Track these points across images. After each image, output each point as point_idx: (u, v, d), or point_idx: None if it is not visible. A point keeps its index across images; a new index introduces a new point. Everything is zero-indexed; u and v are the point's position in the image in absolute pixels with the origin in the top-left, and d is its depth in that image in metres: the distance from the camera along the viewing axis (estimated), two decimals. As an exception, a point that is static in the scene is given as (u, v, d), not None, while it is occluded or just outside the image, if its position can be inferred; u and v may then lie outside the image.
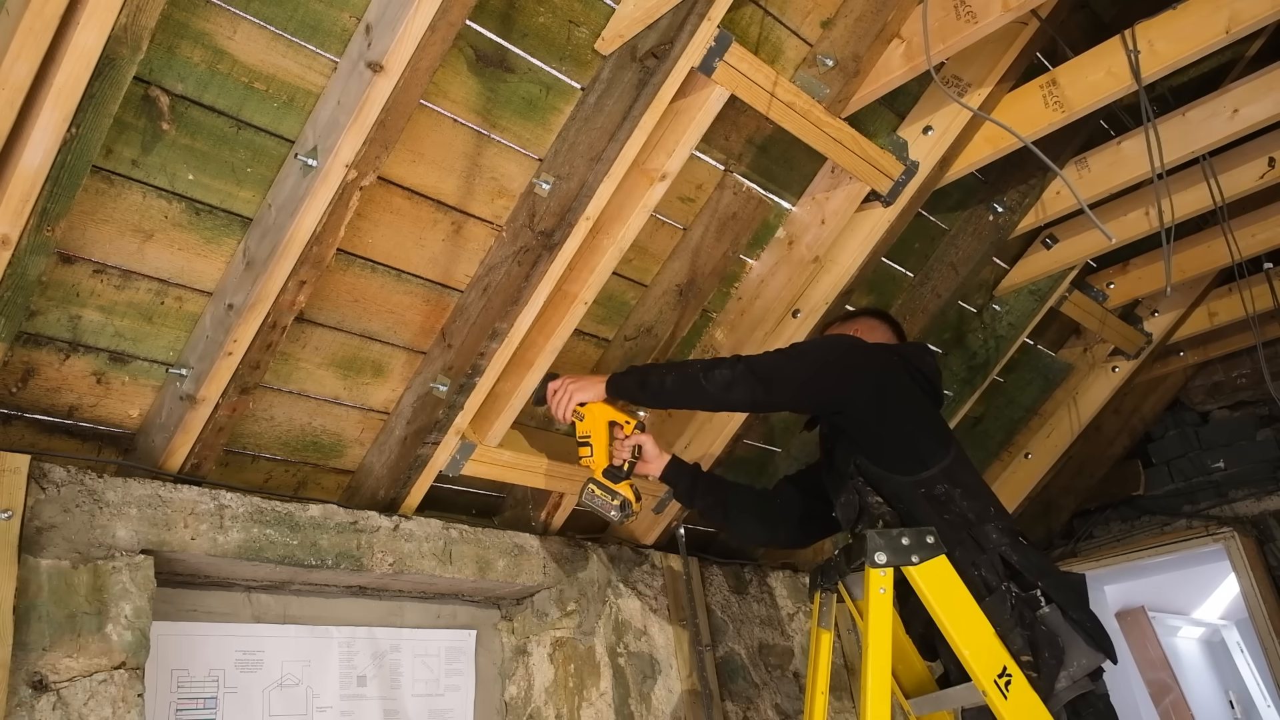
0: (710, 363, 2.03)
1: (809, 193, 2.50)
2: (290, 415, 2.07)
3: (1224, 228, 2.87)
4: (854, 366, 2.01)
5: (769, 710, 2.80)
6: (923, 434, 1.99)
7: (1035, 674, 1.74)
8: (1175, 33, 2.15)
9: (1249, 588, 3.80)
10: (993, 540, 1.86)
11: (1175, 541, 4.00)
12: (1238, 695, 5.27)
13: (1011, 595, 1.80)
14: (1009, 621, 1.78)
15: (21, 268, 1.54)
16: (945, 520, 1.88)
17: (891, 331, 2.32)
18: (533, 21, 1.84)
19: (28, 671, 1.57)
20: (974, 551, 1.85)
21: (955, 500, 1.90)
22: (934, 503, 1.90)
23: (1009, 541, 1.87)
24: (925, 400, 2.07)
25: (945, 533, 1.86)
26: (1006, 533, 1.88)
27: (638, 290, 2.42)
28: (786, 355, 2.03)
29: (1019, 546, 1.87)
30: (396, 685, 2.30)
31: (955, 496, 1.90)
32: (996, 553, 1.84)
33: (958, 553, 1.85)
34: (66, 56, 1.34)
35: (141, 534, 1.79)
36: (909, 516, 1.91)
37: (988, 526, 1.88)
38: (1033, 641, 1.76)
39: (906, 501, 1.93)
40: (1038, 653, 1.75)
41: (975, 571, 1.84)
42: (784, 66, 2.18)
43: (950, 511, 1.89)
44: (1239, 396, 4.03)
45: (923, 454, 1.95)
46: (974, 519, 1.88)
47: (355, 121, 1.62)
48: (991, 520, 1.89)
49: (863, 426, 1.99)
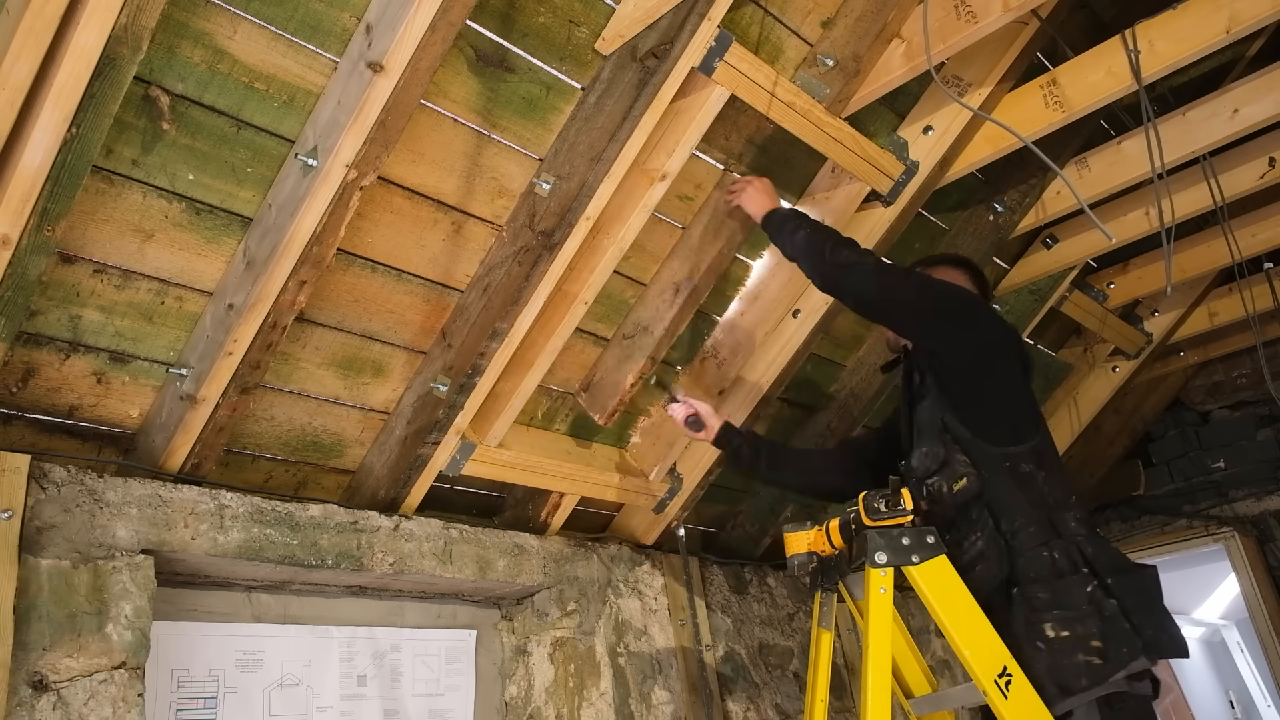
0: (842, 239, 2.02)
1: (809, 192, 2.50)
2: (290, 415, 2.07)
3: (1224, 227, 2.87)
4: (977, 322, 1.99)
5: (769, 710, 2.80)
6: (1022, 408, 1.97)
7: (1101, 661, 1.72)
8: (1175, 33, 2.15)
9: (1249, 588, 3.80)
10: (1070, 529, 1.84)
11: (1175, 541, 4.01)
12: (1238, 695, 5.27)
13: (1090, 583, 1.78)
14: (1087, 609, 1.76)
15: (22, 267, 1.54)
16: (1026, 497, 1.87)
17: (971, 281, 2.23)
18: (533, 21, 1.84)
19: (28, 671, 1.57)
20: (1048, 534, 1.84)
21: (1038, 481, 1.88)
22: (1017, 478, 1.89)
23: (1086, 532, 1.85)
24: (1024, 375, 2.03)
25: (1024, 510, 1.85)
26: (1084, 523, 1.87)
27: (636, 289, 2.42)
28: (912, 281, 2.01)
29: (1095, 539, 1.86)
30: (397, 685, 2.30)
31: (1039, 478, 1.89)
32: (1073, 541, 1.83)
33: (1033, 529, 1.84)
34: (67, 56, 1.35)
35: (142, 534, 1.79)
36: (989, 485, 1.89)
37: (1067, 514, 1.86)
38: (1105, 632, 1.74)
39: (989, 470, 1.91)
40: (1110, 642, 1.73)
41: (1046, 552, 1.82)
42: (784, 66, 2.18)
43: (1032, 490, 1.88)
44: (1239, 396, 4.03)
45: (1018, 428, 1.93)
46: (1054, 503, 1.87)
47: (355, 121, 1.63)
48: (1071, 509, 1.88)
49: (967, 385, 1.96)
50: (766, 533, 3.10)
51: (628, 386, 2.39)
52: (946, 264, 2.25)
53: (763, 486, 3.06)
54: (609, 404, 2.43)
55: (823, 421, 3.01)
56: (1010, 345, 2.03)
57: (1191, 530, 3.96)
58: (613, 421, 2.49)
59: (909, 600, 2.52)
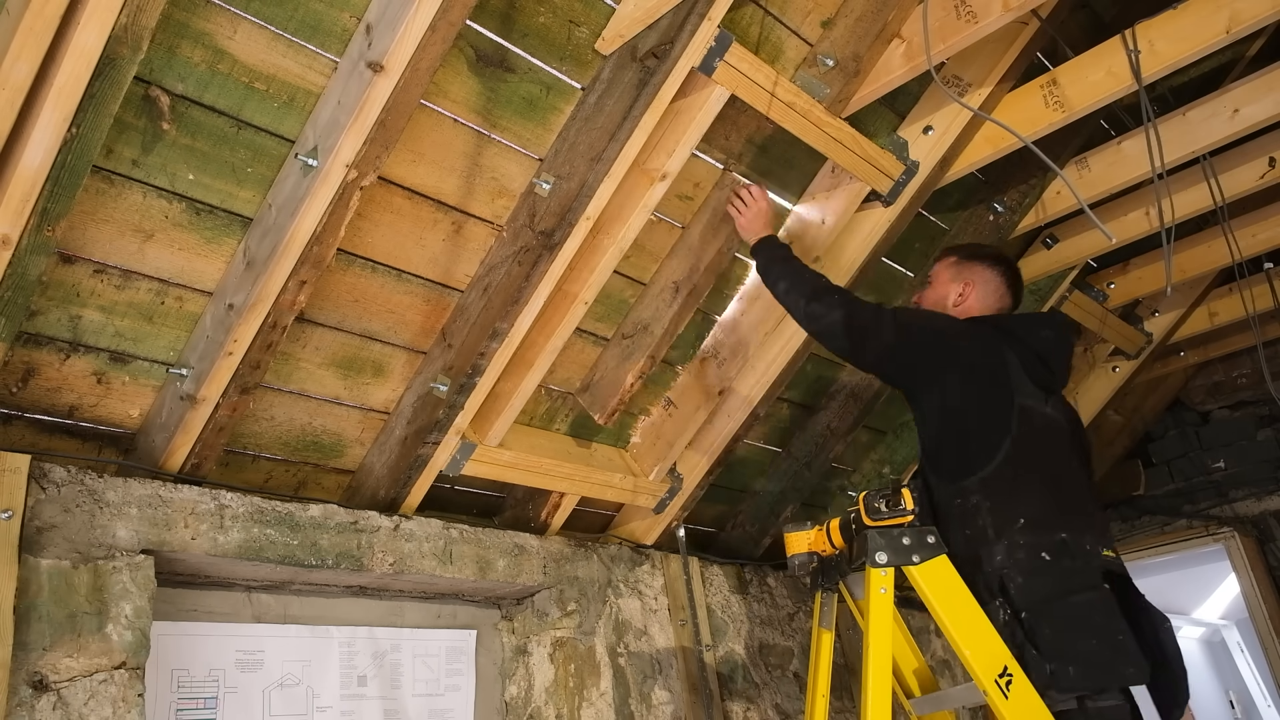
0: (818, 291, 2.10)
1: (809, 192, 2.50)
2: (290, 415, 2.07)
3: (1224, 227, 2.87)
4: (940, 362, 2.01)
5: (769, 710, 2.80)
6: (977, 439, 1.95)
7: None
8: (1175, 33, 2.15)
9: (1249, 588, 3.80)
10: (996, 563, 1.83)
11: (1175, 541, 4.01)
12: (1238, 695, 5.27)
13: (1004, 612, 1.78)
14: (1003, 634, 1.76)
15: (22, 268, 1.54)
16: (965, 535, 1.89)
17: (1006, 286, 2.22)
18: (533, 21, 1.84)
19: (28, 671, 1.57)
20: (974, 571, 1.84)
21: (982, 514, 1.88)
22: (963, 515, 1.91)
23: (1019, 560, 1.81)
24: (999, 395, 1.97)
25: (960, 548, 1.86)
26: (1026, 549, 1.82)
27: (636, 289, 2.42)
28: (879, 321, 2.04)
29: (1032, 565, 1.80)
30: (397, 685, 2.29)
31: (984, 509, 1.88)
32: (997, 575, 1.82)
33: (966, 569, 1.84)
34: (67, 56, 1.35)
35: (142, 534, 1.78)
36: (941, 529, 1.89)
37: (1000, 545, 1.83)
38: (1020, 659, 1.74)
39: (943, 510, 1.95)
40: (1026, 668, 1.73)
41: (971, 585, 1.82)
42: (784, 66, 2.18)
43: (971, 525, 1.89)
44: (1239, 396, 4.03)
45: (970, 461, 1.93)
46: (991, 535, 1.86)
47: (355, 121, 1.62)
48: (1013, 536, 1.83)
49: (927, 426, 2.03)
50: (767, 533, 3.10)
51: (628, 385, 2.39)
52: (983, 264, 2.24)
53: (762, 487, 3.06)
54: (609, 403, 2.43)
55: (823, 421, 3.01)
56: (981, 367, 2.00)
57: (1191, 530, 3.96)
58: (613, 421, 2.49)
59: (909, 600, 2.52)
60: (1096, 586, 1.81)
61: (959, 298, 2.20)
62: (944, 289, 2.24)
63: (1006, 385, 1.98)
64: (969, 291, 2.20)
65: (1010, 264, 2.27)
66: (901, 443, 3.30)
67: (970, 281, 2.21)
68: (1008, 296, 2.23)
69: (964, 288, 2.21)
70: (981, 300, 2.20)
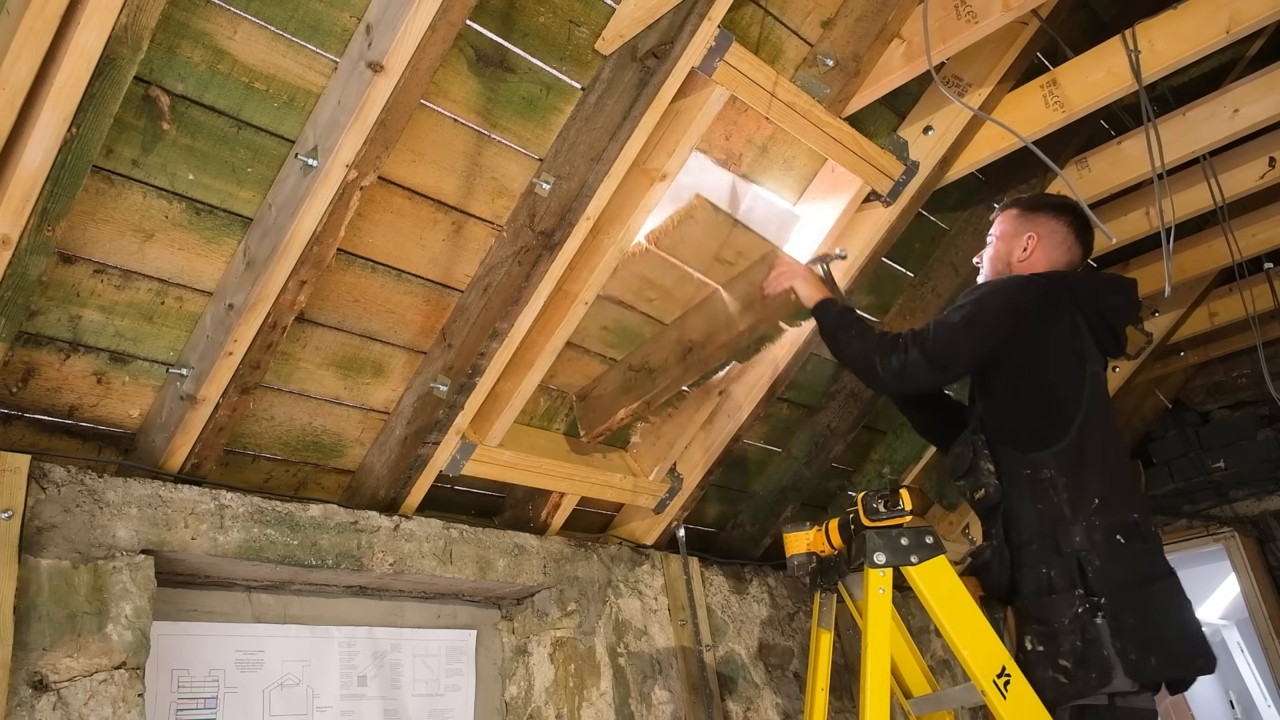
0: (885, 344, 1.98)
1: (809, 193, 2.50)
2: (290, 415, 2.07)
3: (1224, 227, 2.87)
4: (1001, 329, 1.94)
5: (769, 710, 2.80)
6: (1053, 409, 1.91)
7: (1067, 680, 1.73)
8: (1176, 32, 2.15)
9: (1249, 588, 3.80)
10: (1076, 544, 1.79)
11: (1176, 541, 4.01)
12: (1238, 695, 5.26)
13: (1082, 604, 1.75)
14: (1068, 626, 1.74)
15: (22, 267, 1.54)
16: (1037, 510, 1.84)
17: (1075, 237, 2.12)
18: (533, 21, 1.84)
19: (28, 671, 1.57)
20: (1050, 551, 1.81)
21: (1057, 489, 1.84)
22: (1035, 487, 1.86)
23: (1097, 541, 1.79)
24: (1073, 363, 1.94)
25: (1033, 524, 1.83)
26: (1103, 529, 1.80)
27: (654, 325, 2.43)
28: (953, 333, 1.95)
29: (1110, 548, 1.78)
30: (397, 685, 2.30)
31: (1059, 485, 1.84)
32: (1075, 558, 1.78)
33: (1034, 546, 1.82)
34: (67, 56, 1.34)
35: (142, 534, 1.79)
36: (1007, 496, 1.87)
37: (1079, 525, 1.80)
38: (1081, 654, 1.72)
39: (1010, 479, 1.88)
40: (1079, 665, 1.72)
41: (1044, 570, 1.80)
42: (784, 66, 2.18)
43: (1046, 501, 1.84)
44: (1239, 396, 4.03)
45: (1044, 431, 1.88)
46: (1070, 514, 1.82)
47: (355, 121, 1.62)
48: (1090, 516, 1.81)
49: (998, 385, 1.96)
50: (766, 533, 3.10)
51: (618, 418, 2.39)
52: (1047, 213, 2.13)
53: (762, 487, 3.06)
54: (596, 426, 2.43)
55: (823, 421, 3.01)
56: (1057, 330, 1.94)
57: (1191, 530, 3.96)
58: (595, 442, 2.50)
59: (909, 600, 2.52)
60: (1171, 573, 1.83)
61: (1024, 253, 2.10)
62: (1008, 244, 2.13)
63: (1080, 353, 1.95)
64: (1033, 245, 2.09)
65: (1077, 211, 2.14)
66: (901, 443, 3.30)
67: (1035, 234, 2.10)
68: (1076, 248, 2.11)
69: (1029, 241, 2.09)
70: (1048, 254, 2.09)
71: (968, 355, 1.96)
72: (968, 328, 1.96)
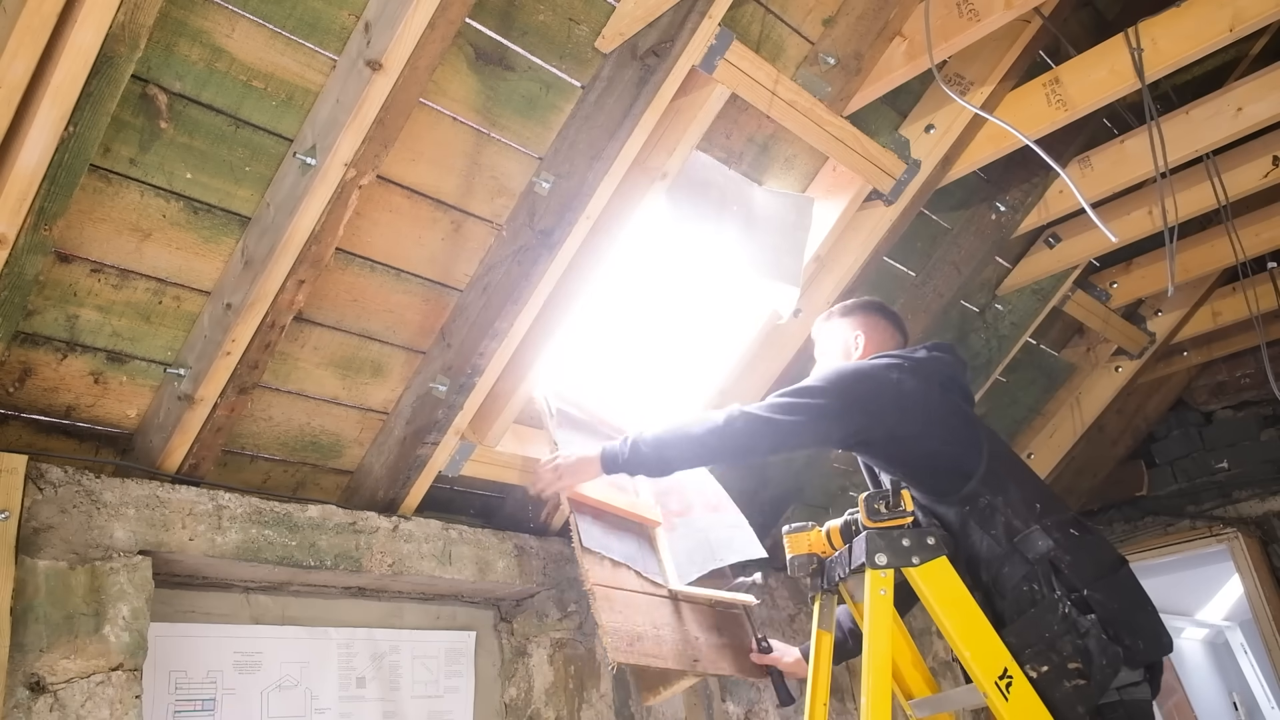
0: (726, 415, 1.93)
1: (810, 191, 2.49)
2: (289, 415, 2.06)
3: (1228, 227, 2.86)
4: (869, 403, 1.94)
5: (769, 711, 2.79)
6: (960, 442, 1.94)
7: (1085, 681, 1.71)
8: (1178, 31, 2.14)
9: (1253, 589, 3.79)
10: (1039, 549, 1.81)
11: (1179, 542, 3.99)
12: (1241, 697, 5.25)
13: (1064, 603, 1.76)
14: (1059, 629, 1.74)
15: (19, 267, 1.54)
16: (991, 536, 1.86)
17: (891, 324, 2.21)
18: (533, 19, 1.83)
19: (25, 673, 1.56)
20: (1022, 565, 1.82)
21: (999, 509, 1.86)
22: (979, 517, 1.88)
23: (1058, 539, 1.81)
24: (946, 406, 1.99)
25: (995, 553, 1.84)
26: (1056, 528, 1.83)
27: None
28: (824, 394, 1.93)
29: (1071, 541, 1.82)
30: (395, 687, 2.29)
31: (999, 505, 1.87)
32: (1043, 562, 1.80)
33: (1006, 569, 1.82)
34: (64, 54, 1.34)
35: (139, 535, 1.78)
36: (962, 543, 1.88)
37: (1034, 531, 1.83)
38: (1084, 649, 1.72)
39: (955, 528, 1.91)
40: (1088, 660, 1.71)
41: (1025, 586, 1.81)
42: (785, 65, 2.17)
43: (993, 523, 1.86)
44: (1243, 396, 4.02)
45: (964, 467, 1.91)
46: (1020, 524, 1.84)
47: (354, 120, 1.62)
48: (1038, 519, 1.84)
49: (891, 460, 1.98)
50: (766, 533, 3.08)
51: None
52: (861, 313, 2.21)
53: (762, 487, 3.05)
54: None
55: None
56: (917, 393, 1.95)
57: (1195, 531, 3.95)
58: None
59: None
60: (1124, 559, 1.88)
61: (857, 349, 2.17)
62: (838, 344, 2.21)
63: (951, 393, 2.02)
64: (863, 340, 2.17)
65: (884, 305, 2.26)
66: (903, 443, 3.29)
67: (860, 331, 2.19)
68: (898, 334, 2.21)
69: (858, 339, 2.18)
70: (880, 346, 2.16)
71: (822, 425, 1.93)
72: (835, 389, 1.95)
